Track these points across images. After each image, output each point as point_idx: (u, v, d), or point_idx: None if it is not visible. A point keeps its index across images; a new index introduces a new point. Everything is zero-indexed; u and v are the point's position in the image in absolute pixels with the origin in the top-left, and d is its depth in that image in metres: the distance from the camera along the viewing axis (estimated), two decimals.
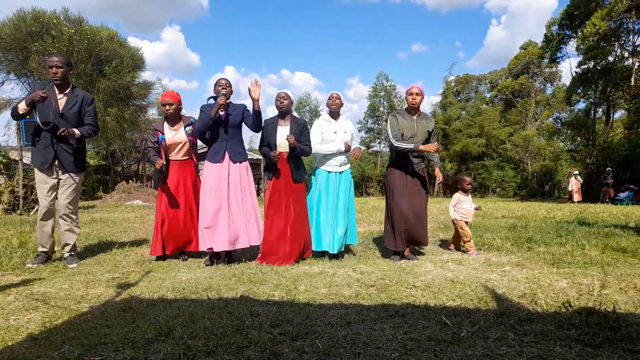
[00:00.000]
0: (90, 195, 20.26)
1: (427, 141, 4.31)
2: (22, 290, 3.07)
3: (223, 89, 4.09)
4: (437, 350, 1.95)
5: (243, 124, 4.27)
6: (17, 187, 9.80)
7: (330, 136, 4.41)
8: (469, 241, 4.70)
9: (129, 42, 19.46)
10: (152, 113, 25.10)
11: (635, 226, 6.43)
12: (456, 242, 4.96)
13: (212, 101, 4.22)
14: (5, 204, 9.73)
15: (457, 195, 4.93)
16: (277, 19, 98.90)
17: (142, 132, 21.95)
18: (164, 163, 4.18)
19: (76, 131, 3.90)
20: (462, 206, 4.85)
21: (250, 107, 4.20)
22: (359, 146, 4.54)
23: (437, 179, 4.33)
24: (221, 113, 4.07)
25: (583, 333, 2.11)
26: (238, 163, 4.18)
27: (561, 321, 2.30)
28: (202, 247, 4.06)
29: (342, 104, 4.52)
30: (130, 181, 18.95)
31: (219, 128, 4.12)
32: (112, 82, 17.16)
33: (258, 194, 4.40)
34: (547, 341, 2.04)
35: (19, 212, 9.53)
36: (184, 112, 4.55)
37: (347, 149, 4.39)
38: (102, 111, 17.00)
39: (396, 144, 4.15)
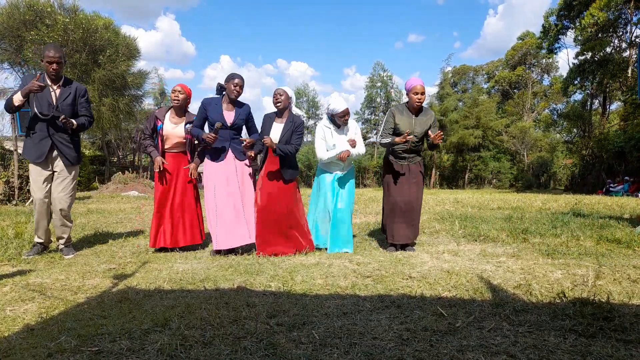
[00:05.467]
0: (86, 185, 20.20)
1: (426, 135, 4.24)
2: (18, 280, 3.06)
3: (236, 86, 4.06)
4: (433, 341, 1.96)
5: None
6: (12, 178, 9.75)
7: (330, 145, 4.25)
8: None
9: (124, 30, 19.29)
10: (148, 103, 24.96)
11: (630, 217, 6.47)
12: None
13: (213, 94, 4.23)
14: (1, 194, 9.68)
15: None
16: (273, 7, 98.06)
17: (137, 122, 21.83)
18: (165, 163, 4.24)
19: (74, 121, 3.86)
20: None
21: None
22: (353, 151, 4.24)
23: (437, 137, 4.01)
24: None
25: (577, 323, 2.13)
26: (241, 161, 4.20)
27: (556, 311, 2.32)
28: (218, 247, 4.03)
29: (349, 118, 4.27)
30: (127, 172, 18.89)
31: (223, 130, 4.12)
32: (107, 72, 17.00)
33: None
34: (542, 331, 2.06)
35: (14, 202, 9.49)
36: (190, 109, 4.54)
37: (353, 145, 4.24)
38: (97, 101, 16.87)
39: (381, 141, 4.27)
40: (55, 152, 3.92)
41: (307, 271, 3.33)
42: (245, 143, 4.10)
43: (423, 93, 4.13)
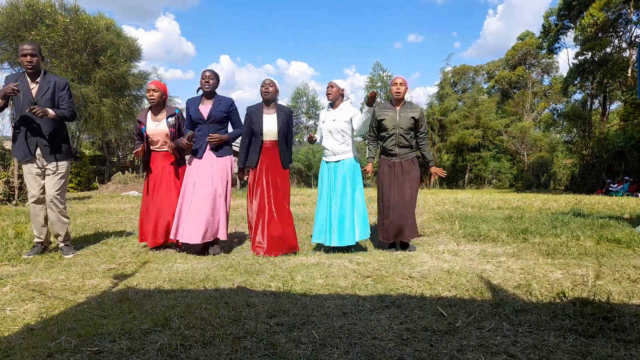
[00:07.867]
0: (85, 185, 20.20)
1: (413, 129, 4.29)
2: (18, 280, 3.06)
3: (204, 78, 4.16)
4: (433, 340, 1.97)
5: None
6: (12, 178, 9.75)
7: (320, 125, 4.48)
8: None
9: (124, 30, 19.26)
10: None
11: (630, 217, 6.47)
12: None
13: (200, 92, 4.27)
14: (0, 194, 9.68)
15: None
16: (273, 7, 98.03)
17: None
18: (144, 149, 4.29)
19: (50, 111, 3.78)
20: None
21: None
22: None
23: (433, 175, 4.33)
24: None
25: (577, 323, 2.13)
26: (220, 157, 4.20)
27: (555, 311, 2.32)
28: (172, 237, 4.14)
29: (338, 91, 4.32)
30: (126, 172, 18.89)
31: (202, 125, 4.16)
32: (107, 72, 17.00)
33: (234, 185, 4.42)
34: (542, 331, 2.06)
35: (14, 202, 9.49)
36: (177, 102, 4.57)
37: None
38: (98, 101, 16.87)
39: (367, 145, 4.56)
40: (40, 150, 3.90)
41: (307, 271, 3.33)
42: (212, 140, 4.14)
43: (402, 84, 4.26)
